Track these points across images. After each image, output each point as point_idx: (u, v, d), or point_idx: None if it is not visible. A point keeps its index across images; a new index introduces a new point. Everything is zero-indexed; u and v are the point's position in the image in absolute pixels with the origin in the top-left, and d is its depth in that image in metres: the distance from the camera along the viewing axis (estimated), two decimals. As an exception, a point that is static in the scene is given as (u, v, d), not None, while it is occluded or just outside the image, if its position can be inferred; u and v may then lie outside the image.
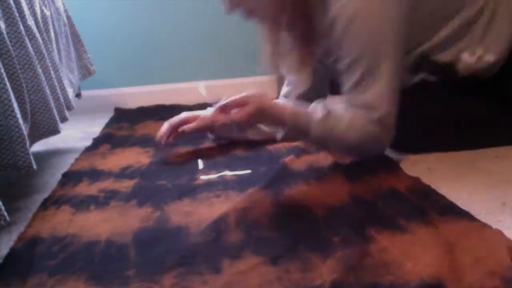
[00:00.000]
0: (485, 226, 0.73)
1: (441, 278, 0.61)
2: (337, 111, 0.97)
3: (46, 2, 1.23)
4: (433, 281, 0.60)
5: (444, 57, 1.05)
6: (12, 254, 0.75)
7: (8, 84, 0.84)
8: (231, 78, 2.03)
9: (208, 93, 1.04)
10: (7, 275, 0.69)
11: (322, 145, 1.06)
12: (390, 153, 1.08)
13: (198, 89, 1.06)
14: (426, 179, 0.93)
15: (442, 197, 0.85)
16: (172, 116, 1.68)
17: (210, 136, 1.27)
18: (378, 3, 0.91)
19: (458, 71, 1.05)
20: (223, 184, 0.98)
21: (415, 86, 1.09)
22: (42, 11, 1.16)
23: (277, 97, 1.29)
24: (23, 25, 0.99)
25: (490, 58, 1.03)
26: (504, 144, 1.09)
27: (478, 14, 1.04)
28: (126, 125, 1.60)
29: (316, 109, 0.97)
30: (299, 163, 1.06)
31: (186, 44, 2.00)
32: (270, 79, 1.15)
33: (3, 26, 0.90)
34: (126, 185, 1.02)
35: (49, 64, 1.09)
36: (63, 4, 1.45)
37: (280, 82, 1.37)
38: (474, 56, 1.03)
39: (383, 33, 0.92)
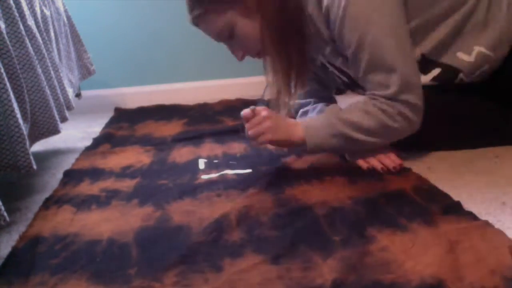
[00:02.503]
0: (486, 225, 0.73)
1: (441, 277, 0.61)
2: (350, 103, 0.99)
3: (46, 2, 1.23)
4: (434, 280, 0.60)
5: (444, 59, 1.04)
6: (14, 253, 0.75)
7: (8, 84, 0.84)
8: (231, 78, 2.04)
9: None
10: (9, 273, 0.69)
11: (346, 141, 0.98)
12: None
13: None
14: (427, 179, 0.93)
15: (447, 197, 0.85)
16: (171, 116, 1.68)
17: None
18: None
19: (459, 71, 1.05)
20: (224, 184, 0.98)
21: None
22: (42, 11, 1.16)
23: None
24: (23, 25, 0.99)
25: (490, 53, 1.03)
26: (504, 144, 1.09)
27: (472, 10, 1.02)
28: (126, 125, 1.60)
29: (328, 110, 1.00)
30: (300, 163, 1.06)
31: (186, 44, 2.00)
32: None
33: (3, 26, 0.90)
34: (127, 184, 1.02)
35: (49, 64, 1.09)
36: (63, 4, 1.45)
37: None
38: (472, 54, 1.02)
39: (378, 16, 0.91)
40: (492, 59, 1.03)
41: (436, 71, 1.05)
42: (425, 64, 1.04)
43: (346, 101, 1.06)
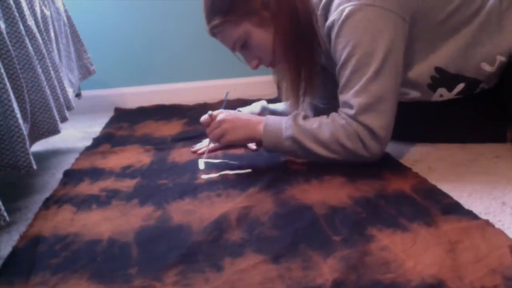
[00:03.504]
0: (486, 225, 0.73)
1: (442, 277, 0.61)
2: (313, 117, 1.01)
3: (46, 2, 1.23)
4: (434, 279, 0.60)
5: (468, 73, 1.03)
6: (15, 253, 0.75)
7: (8, 84, 0.84)
8: (231, 78, 2.04)
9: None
10: (9, 273, 0.69)
11: (298, 147, 0.99)
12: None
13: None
14: (427, 179, 0.93)
15: (447, 196, 0.85)
16: (171, 116, 1.68)
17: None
18: (369, 15, 0.91)
19: (481, 82, 1.04)
20: (224, 183, 0.98)
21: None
22: (42, 11, 1.16)
23: (278, 97, 1.30)
24: (23, 25, 0.99)
25: (507, 60, 1.02)
26: (496, 141, 1.10)
27: (485, 20, 1.00)
28: (126, 125, 1.60)
29: (290, 115, 1.02)
30: (300, 163, 1.06)
31: (186, 44, 2.00)
32: (270, 79, 1.16)
33: (3, 26, 0.90)
34: (127, 184, 1.02)
35: (49, 64, 1.09)
36: (63, 4, 1.45)
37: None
38: (494, 64, 1.02)
39: (373, 37, 0.91)
40: (507, 64, 1.03)
41: (460, 86, 1.05)
42: (449, 80, 1.04)
43: None
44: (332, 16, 0.94)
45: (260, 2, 0.98)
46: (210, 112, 1.06)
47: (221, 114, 1.06)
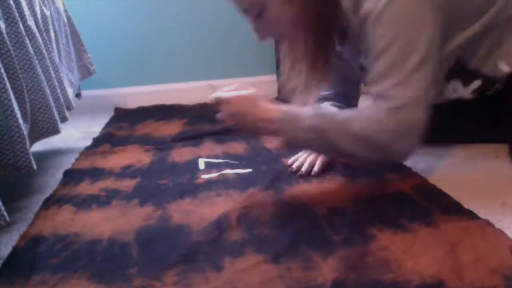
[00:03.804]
0: (486, 225, 0.73)
1: (442, 277, 0.61)
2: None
3: (46, 2, 1.23)
4: (434, 279, 0.60)
5: (485, 69, 1.00)
6: (15, 252, 0.75)
7: (8, 84, 0.84)
8: (231, 78, 2.03)
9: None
10: (10, 273, 0.69)
11: (322, 141, 0.88)
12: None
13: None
14: (427, 179, 0.93)
15: (447, 196, 0.85)
16: (171, 116, 1.68)
17: None
18: (412, 2, 0.85)
19: (496, 82, 1.02)
20: (224, 183, 0.98)
21: None
22: (42, 11, 1.16)
23: (278, 97, 1.29)
24: (23, 25, 0.99)
25: None
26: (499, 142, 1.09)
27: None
28: (126, 125, 1.60)
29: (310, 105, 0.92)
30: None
31: (186, 44, 2.00)
32: (270, 79, 1.16)
33: (3, 26, 0.90)
34: (127, 184, 1.02)
35: (49, 64, 1.09)
36: (63, 4, 1.45)
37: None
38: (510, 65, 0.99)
39: (415, 28, 0.85)
40: None
41: (476, 84, 1.02)
42: (466, 75, 1.01)
43: None
44: (368, 4, 0.86)
45: None
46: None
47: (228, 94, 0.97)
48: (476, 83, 1.03)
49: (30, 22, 1.03)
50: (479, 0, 0.94)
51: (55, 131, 1.06)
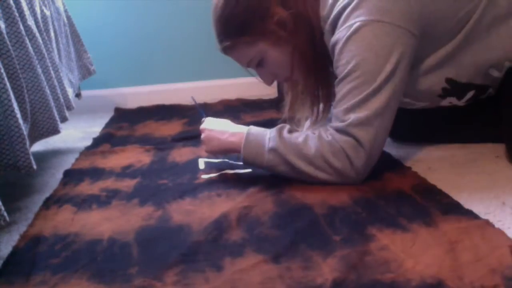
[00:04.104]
0: (486, 225, 0.73)
1: (441, 277, 0.61)
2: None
3: (46, 2, 1.23)
4: (434, 279, 0.60)
5: (477, 80, 1.02)
6: (15, 252, 0.75)
7: (8, 84, 0.84)
8: (231, 78, 2.04)
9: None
10: (10, 273, 0.69)
11: (280, 161, 0.93)
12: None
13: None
14: (427, 179, 0.93)
15: (447, 196, 0.85)
16: (171, 116, 1.69)
17: None
18: (376, 32, 0.87)
19: (489, 87, 1.04)
20: (224, 183, 0.98)
21: None
22: (42, 11, 1.17)
23: (278, 97, 1.30)
24: (23, 25, 0.99)
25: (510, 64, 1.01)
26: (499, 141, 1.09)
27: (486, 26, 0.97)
28: (126, 125, 1.60)
29: (275, 127, 0.96)
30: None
31: (186, 44, 2.00)
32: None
33: (3, 26, 0.90)
34: (127, 184, 1.02)
35: (49, 64, 1.09)
36: (63, 4, 1.45)
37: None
38: (502, 70, 1.00)
39: (380, 54, 0.87)
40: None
41: (470, 94, 1.04)
42: (460, 89, 1.02)
43: None
44: (339, 33, 0.90)
45: (275, 22, 0.95)
46: (203, 119, 1.07)
47: (203, 124, 1.05)
48: (470, 94, 1.04)
49: (30, 22, 1.03)
50: (454, 19, 0.95)
51: (55, 131, 1.06)
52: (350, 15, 0.88)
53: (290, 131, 0.95)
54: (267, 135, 0.95)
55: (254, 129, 0.98)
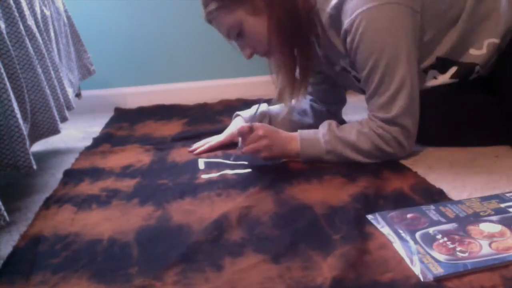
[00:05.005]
0: (485, 224, 0.73)
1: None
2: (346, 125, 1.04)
3: (46, 2, 1.23)
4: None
5: (460, 58, 1.07)
6: (15, 252, 0.75)
7: (8, 84, 0.84)
8: (231, 78, 2.04)
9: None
10: (10, 273, 0.69)
11: (338, 158, 1.02)
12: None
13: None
14: (427, 179, 0.93)
15: (447, 196, 0.85)
16: (171, 116, 1.69)
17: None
18: (388, 15, 0.93)
19: (475, 65, 1.07)
20: (224, 183, 0.99)
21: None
22: (42, 11, 1.17)
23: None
24: (23, 25, 0.99)
25: (499, 41, 1.04)
26: (503, 143, 1.09)
27: (474, 7, 1.04)
28: (126, 125, 1.60)
29: (324, 126, 1.04)
30: (300, 162, 1.06)
31: (186, 44, 2.00)
32: (270, 79, 1.16)
33: (3, 26, 0.90)
34: (127, 184, 1.02)
35: (49, 64, 1.09)
36: (63, 4, 1.45)
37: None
38: (483, 47, 1.04)
39: (395, 44, 0.94)
40: (501, 47, 1.05)
41: (453, 69, 1.07)
42: (442, 65, 1.07)
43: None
44: (349, 20, 0.95)
45: None
46: (250, 123, 1.05)
47: (262, 129, 1.03)
48: (453, 69, 1.08)
49: (30, 22, 1.03)
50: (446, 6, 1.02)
51: (55, 131, 1.06)
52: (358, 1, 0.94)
53: (337, 126, 1.03)
54: (321, 138, 1.02)
55: (305, 133, 1.04)
